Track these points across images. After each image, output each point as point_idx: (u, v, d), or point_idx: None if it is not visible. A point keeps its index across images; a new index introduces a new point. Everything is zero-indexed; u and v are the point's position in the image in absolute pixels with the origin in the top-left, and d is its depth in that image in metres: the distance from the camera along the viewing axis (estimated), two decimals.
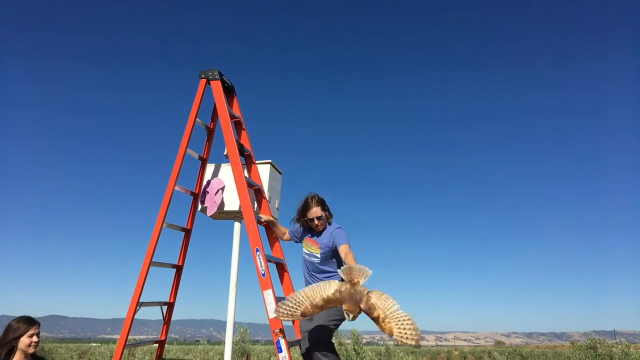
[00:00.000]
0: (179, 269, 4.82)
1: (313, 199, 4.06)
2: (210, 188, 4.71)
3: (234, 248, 4.60)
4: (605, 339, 10.53)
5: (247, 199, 4.05)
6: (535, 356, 30.40)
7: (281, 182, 5.31)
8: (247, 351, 19.10)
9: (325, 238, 4.00)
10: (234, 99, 4.98)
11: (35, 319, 3.37)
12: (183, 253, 4.86)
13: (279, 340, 3.61)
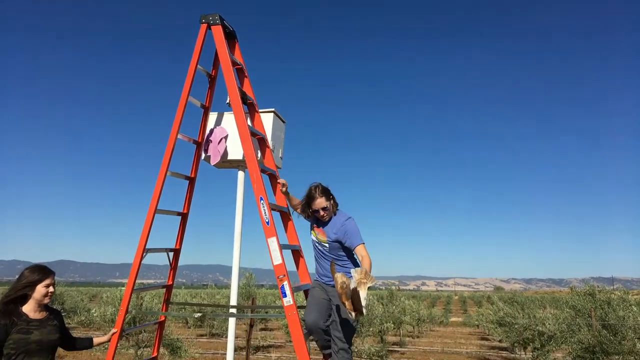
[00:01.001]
0: (184, 216, 4.88)
1: (317, 189, 3.99)
2: (213, 137, 4.69)
3: (238, 197, 4.64)
4: (604, 285, 10.75)
5: (251, 148, 4.03)
6: (533, 301, 31.21)
7: (284, 131, 5.28)
8: (252, 295, 19.69)
9: (335, 229, 3.95)
10: (235, 45, 4.87)
11: (50, 269, 3.25)
12: (188, 201, 4.90)
13: (283, 285, 3.70)
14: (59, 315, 3.34)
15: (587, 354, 8.66)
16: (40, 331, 3.07)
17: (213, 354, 14.72)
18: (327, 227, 4.00)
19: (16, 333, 2.96)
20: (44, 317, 3.16)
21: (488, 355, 16.08)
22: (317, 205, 3.95)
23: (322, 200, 3.94)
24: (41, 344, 3.05)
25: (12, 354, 2.95)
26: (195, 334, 19.99)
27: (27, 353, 2.99)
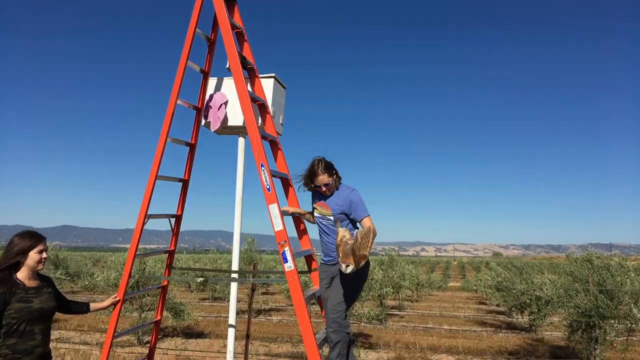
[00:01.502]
0: (185, 182, 4.88)
1: (319, 164, 3.93)
2: (213, 102, 4.64)
3: (239, 163, 4.62)
4: (602, 251, 10.84)
5: (251, 114, 4.00)
6: (531, 267, 31.61)
7: (285, 97, 5.22)
8: (254, 260, 19.94)
9: (340, 200, 3.94)
10: (235, 8, 4.76)
11: (41, 235, 3.14)
12: (188, 167, 4.90)
13: (284, 251, 3.73)
14: (51, 282, 3.29)
15: (583, 318, 8.80)
16: (40, 299, 3.03)
17: (216, 317, 15.02)
18: (330, 200, 3.98)
19: (17, 302, 2.90)
20: (39, 285, 3.10)
21: (485, 319, 16.40)
22: (319, 182, 3.92)
23: (324, 177, 3.91)
24: (42, 311, 3.02)
25: (13, 323, 2.89)
26: (198, 298, 20.35)
27: (30, 322, 2.95)
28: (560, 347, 10.81)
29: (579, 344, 9.16)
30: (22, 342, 2.91)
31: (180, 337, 11.47)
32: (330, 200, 3.98)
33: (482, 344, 11.38)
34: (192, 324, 12.68)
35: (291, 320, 14.69)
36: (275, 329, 12.92)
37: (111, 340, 4.20)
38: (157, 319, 5.03)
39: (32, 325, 2.95)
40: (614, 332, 8.76)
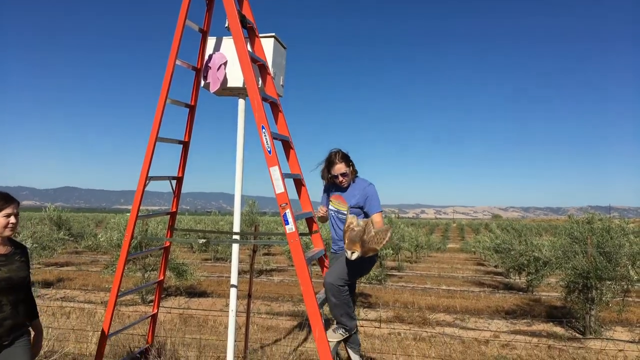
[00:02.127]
0: (185, 144, 4.85)
1: (337, 155, 4.01)
2: (212, 63, 4.56)
3: (239, 125, 4.58)
4: (600, 213, 10.91)
5: (251, 75, 3.93)
6: (530, 229, 31.90)
7: (285, 58, 5.13)
8: (255, 222, 20.12)
9: (357, 193, 3.99)
10: None
11: (12, 197, 2.87)
12: (189, 129, 4.86)
13: (285, 213, 3.74)
14: (26, 252, 3.00)
15: (580, 279, 8.94)
16: (8, 267, 2.75)
17: (218, 277, 15.27)
18: (346, 193, 4.04)
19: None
20: (10, 252, 2.82)
21: (483, 279, 16.67)
22: (337, 171, 3.98)
23: (341, 165, 3.96)
24: (11, 281, 2.74)
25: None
26: (200, 259, 20.64)
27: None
28: (557, 307, 11.03)
29: (575, 305, 9.34)
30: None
31: (184, 296, 11.70)
32: (347, 193, 4.04)
33: (479, 304, 11.61)
34: (194, 283, 12.91)
35: (292, 280, 14.94)
36: (277, 289, 13.15)
37: (115, 299, 4.27)
38: (160, 279, 5.10)
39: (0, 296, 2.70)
40: (610, 293, 8.91)
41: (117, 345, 5.27)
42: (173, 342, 5.22)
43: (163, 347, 4.97)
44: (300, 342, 6.97)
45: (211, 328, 8.30)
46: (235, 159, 4.64)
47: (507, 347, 7.89)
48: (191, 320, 8.83)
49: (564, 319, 9.60)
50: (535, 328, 9.42)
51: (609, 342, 8.20)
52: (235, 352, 4.62)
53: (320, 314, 3.65)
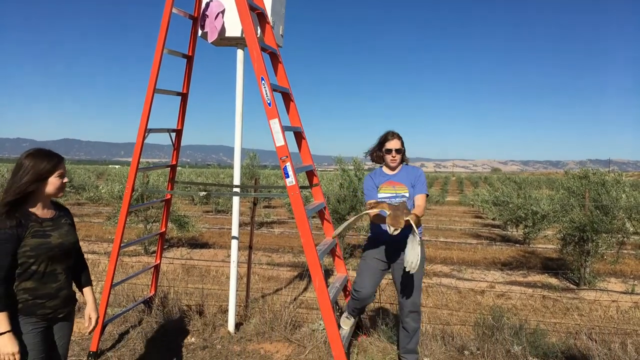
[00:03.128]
0: (183, 96, 4.79)
1: (394, 133, 3.90)
2: (209, 11, 4.43)
3: (238, 76, 4.50)
4: (599, 167, 10.94)
5: (250, 24, 3.83)
6: (529, 183, 32.05)
7: (285, 6, 4.98)
8: (255, 175, 20.18)
9: (411, 174, 3.85)
10: None
11: (58, 154, 2.50)
12: (187, 80, 4.78)
13: (286, 167, 3.74)
14: (69, 212, 2.68)
15: (576, 232, 9.06)
16: (58, 232, 2.46)
17: (219, 228, 15.47)
18: (399, 177, 3.88)
19: (32, 237, 2.33)
20: (55, 216, 2.50)
21: (481, 232, 16.89)
22: (392, 145, 3.84)
23: (397, 141, 3.85)
24: (63, 247, 2.45)
25: (30, 263, 2.33)
26: (202, 211, 20.84)
27: (50, 260, 2.39)
28: (552, 259, 11.23)
29: (571, 257, 9.51)
30: (43, 285, 2.37)
31: (186, 247, 11.90)
32: (400, 177, 3.87)
33: (476, 256, 11.81)
34: (196, 235, 13.09)
35: (292, 232, 15.14)
36: (277, 241, 13.35)
37: (118, 250, 4.34)
38: (162, 231, 5.16)
39: (53, 265, 2.41)
40: (605, 245, 9.05)
41: (121, 294, 5.39)
42: (176, 292, 5.34)
43: (166, 296, 5.09)
44: (301, 292, 7.14)
45: (213, 278, 8.48)
46: (235, 111, 4.59)
47: (503, 297, 8.09)
48: (193, 271, 9.02)
49: (559, 270, 9.79)
50: (531, 279, 9.62)
51: (602, 293, 8.40)
52: (237, 301, 4.73)
53: (320, 265, 3.72)
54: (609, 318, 6.72)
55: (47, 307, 2.39)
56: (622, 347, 3.88)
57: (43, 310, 2.38)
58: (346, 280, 4.54)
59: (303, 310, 5.46)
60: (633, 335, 4.44)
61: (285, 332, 4.49)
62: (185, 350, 4.21)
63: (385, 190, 3.84)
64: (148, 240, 10.92)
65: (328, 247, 4.28)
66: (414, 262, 3.34)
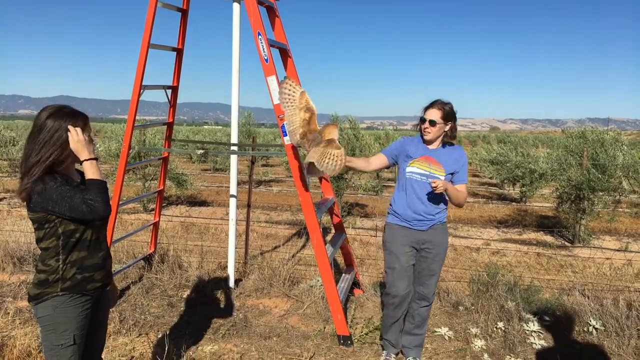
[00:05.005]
0: (179, 52, 4.69)
1: (435, 103, 3.13)
2: None
3: (234, 32, 4.39)
4: (597, 126, 10.91)
5: None
6: (527, 141, 32.00)
7: None
8: (252, 133, 20.07)
9: (456, 161, 3.17)
10: None
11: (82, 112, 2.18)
12: (182, 35, 4.67)
13: (283, 125, 3.70)
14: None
15: (573, 191, 9.11)
16: None
17: (218, 187, 15.51)
18: (440, 156, 3.17)
19: None
20: (81, 181, 2.16)
21: (477, 190, 16.98)
22: (428, 115, 3.10)
23: (435, 111, 3.09)
24: None
25: (73, 229, 2.03)
26: (200, 169, 20.84)
27: (94, 229, 2.12)
28: (547, 217, 11.34)
29: (567, 215, 9.60)
30: (90, 255, 2.10)
31: (184, 205, 11.96)
32: (441, 156, 3.17)
33: (472, 214, 11.92)
34: (195, 193, 13.14)
35: (290, 190, 15.20)
36: (275, 199, 13.42)
37: (117, 208, 4.35)
38: (160, 189, 5.16)
39: (97, 232, 2.15)
40: (601, 203, 9.12)
41: (120, 251, 5.45)
42: (175, 249, 5.39)
43: (166, 253, 5.14)
44: (299, 249, 7.23)
45: (212, 235, 8.56)
46: (232, 68, 4.50)
47: (498, 255, 8.21)
48: (192, 228, 9.09)
49: (554, 228, 9.91)
50: (526, 237, 9.75)
51: (597, 250, 8.52)
52: (236, 257, 4.79)
53: (318, 223, 3.74)
54: (602, 275, 6.84)
55: (97, 280, 2.13)
56: (614, 303, 3.96)
57: (93, 284, 2.11)
58: (344, 238, 4.58)
59: (301, 267, 5.54)
60: (625, 292, 4.53)
61: (284, 288, 4.57)
62: (185, 305, 4.29)
63: (418, 165, 3.16)
64: (147, 198, 10.95)
65: (326, 205, 4.30)
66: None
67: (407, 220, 3.20)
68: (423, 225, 3.18)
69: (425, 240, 3.20)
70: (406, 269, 3.23)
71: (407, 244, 3.23)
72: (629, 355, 3.46)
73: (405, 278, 3.23)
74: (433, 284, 3.28)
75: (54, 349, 2.02)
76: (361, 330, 3.80)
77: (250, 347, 3.57)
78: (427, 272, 3.24)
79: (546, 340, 3.72)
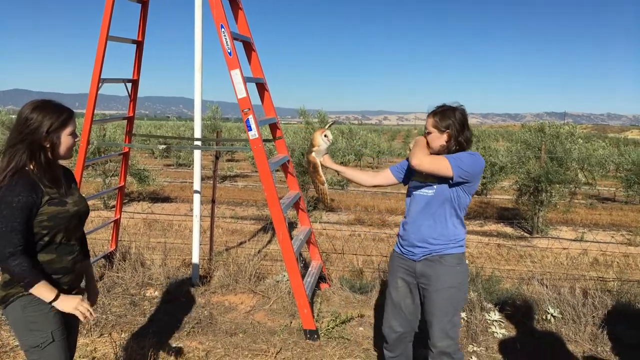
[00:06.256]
0: (139, 44, 4.57)
1: (434, 109, 2.55)
2: None
3: (197, 24, 4.31)
4: (555, 120, 11.30)
5: None
6: (488, 135, 32.79)
7: None
8: (217, 128, 19.83)
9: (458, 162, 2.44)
10: None
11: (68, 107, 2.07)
12: (142, 27, 4.55)
13: (248, 119, 3.66)
14: (72, 175, 2.25)
15: (532, 183, 9.40)
16: (72, 200, 2.07)
17: (181, 182, 15.26)
18: None
19: (49, 205, 1.95)
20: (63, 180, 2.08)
21: None
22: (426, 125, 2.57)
23: (427, 119, 2.55)
24: (79, 216, 2.10)
25: (44, 234, 1.96)
26: (162, 164, 20.46)
27: (67, 232, 2.03)
28: (507, 209, 11.66)
29: (525, 206, 9.91)
30: (59, 258, 2.02)
31: (147, 201, 11.72)
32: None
33: None
34: (157, 189, 12.89)
35: (256, 185, 15.11)
36: (241, 194, 13.31)
37: None
38: (121, 185, 5.04)
39: (70, 236, 2.06)
40: (558, 195, 9.45)
41: None
42: (138, 246, 5.27)
43: (128, 251, 5.02)
44: (265, 244, 7.19)
45: (176, 232, 8.42)
46: (194, 61, 4.42)
47: None
48: (155, 225, 8.92)
49: (514, 220, 10.20)
50: (487, 228, 10.00)
51: (554, 240, 8.82)
52: (201, 254, 4.73)
53: (284, 218, 3.73)
54: (559, 264, 7.09)
55: (64, 283, 2.04)
56: (570, 292, 4.10)
57: (59, 287, 1.99)
58: (310, 233, 4.58)
59: (267, 263, 5.52)
60: (581, 280, 4.70)
61: (250, 284, 4.54)
62: (148, 303, 4.20)
63: (417, 177, 2.62)
64: (107, 195, 10.68)
65: (292, 200, 4.28)
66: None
67: (401, 245, 2.67)
68: (414, 255, 2.57)
69: (419, 273, 2.57)
70: (398, 305, 2.65)
71: (401, 276, 2.65)
72: (585, 341, 3.59)
73: (398, 316, 2.66)
74: (437, 331, 2.51)
75: (35, 352, 1.95)
76: (327, 324, 3.81)
77: (216, 344, 3.54)
78: (428, 316, 2.56)
79: (507, 329, 3.83)
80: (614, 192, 15.41)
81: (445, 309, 2.49)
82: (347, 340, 3.61)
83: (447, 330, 2.50)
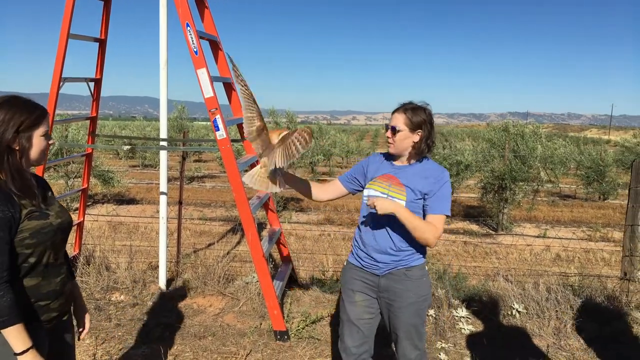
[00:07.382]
0: (102, 43, 4.46)
1: (404, 105, 2.36)
2: None
3: (162, 22, 4.22)
4: (519, 120, 11.59)
5: None
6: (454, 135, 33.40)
7: None
8: (184, 128, 19.54)
9: (430, 180, 2.30)
10: None
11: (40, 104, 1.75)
12: (104, 25, 4.44)
13: (215, 119, 3.61)
14: (46, 183, 1.91)
15: (496, 181, 9.62)
16: (54, 211, 1.77)
17: (147, 183, 14.99)
18: (414, 178, 2.32)
19: (29, 220, 1.65)
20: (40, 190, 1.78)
21: None
22: (391, 120, 2.37)
23: (397, 115, 2.35)
24: (62, 228, 1.79)
25: (28, 254, 1.66)
26: (128, 165, 20.03)
27: (54, 249, 1.74)
28: (473, 207, 11.90)
29: (490, 204, 10.13)
30: (46, 281, 1.73)
31: (112, 203, 11.45)
32: (407, 173, 2.35)
33: None
34: (122, 191, 12.62)
35: (224, 186, 14.97)
36: (209, 195, 13.16)
37: None
38: (84, 187, 4.91)
39: (56, 252, 1.76)
40: (522, 193, 9.70)
41: None
42: (102, 250, 5.14)
43: (92, 254, 4.89)
44: (234, 246, 7.13)
45: (142, 234, 8.26)
46: (159, 60, 4.34)
47: None
48: (121, 227, 8.72)
49: (480, 217, 10.41)
50: (454, 226, 10.17)
51: (518, 237, 9.04)
52: (168, 257, 4.64)
53: (253, 219, 3.70)
54: (523, 260, 7.27)
55: (54, 310, 1.76)
56: (535, 287, 4.21)
57: (48, 313, 1.74)
58: (279, 233, 4.56)
59: (236, 264, 5.47)
60: (544, 276, 4.83)
61: (219, 286, 4.48)
62: (114, 308, 4.10)
63: (377, 185, 2.38)
64: (70, 197, 10.38)
65: (261, 201, 4.26)
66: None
67: (360, 258, 2.43)
68: (377, 269, 2.37)
69: (382, 288, 2.38)
70: (356, 322, 2.43)
71: (360, 290, 2.44)
72: (549, 335, 3.69)
73: (355, 335, 2.44)
74: (406, 345, 2.39)
75: None
76: (298, 324, 3.80)
77: (185, 347, 3.48)
78: (395, 330, 2.40)
79: (474, 325, 3.90)
80: (574, 190, 15.92)
81: (412, 322, 2.35)
82: (317, 340, 3.60)
83: (416, 343, 2.39)
